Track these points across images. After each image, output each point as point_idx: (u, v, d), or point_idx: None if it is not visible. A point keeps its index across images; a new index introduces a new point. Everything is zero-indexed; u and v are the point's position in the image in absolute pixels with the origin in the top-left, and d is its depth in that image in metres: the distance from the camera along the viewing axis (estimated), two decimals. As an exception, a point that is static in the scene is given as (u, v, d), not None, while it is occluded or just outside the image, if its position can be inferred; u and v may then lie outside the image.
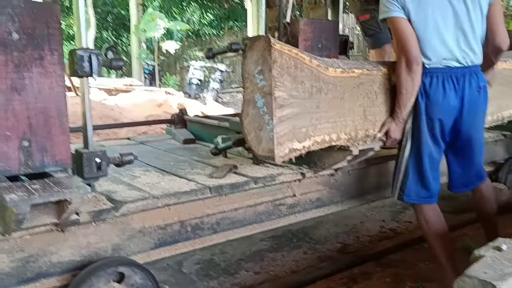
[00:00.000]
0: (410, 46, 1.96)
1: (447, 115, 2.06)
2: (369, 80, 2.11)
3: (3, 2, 1.46)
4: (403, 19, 1.98)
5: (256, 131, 1.89)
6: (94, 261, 1.70)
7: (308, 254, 2.90)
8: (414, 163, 2.12)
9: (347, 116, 2.04)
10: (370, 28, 3.39)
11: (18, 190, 1.38)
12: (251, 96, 1.88)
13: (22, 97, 1.51)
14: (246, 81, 1.89)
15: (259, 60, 1.82)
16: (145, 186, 1.96)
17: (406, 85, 2.00)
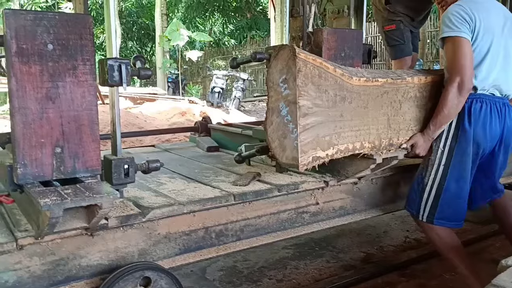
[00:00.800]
0: (469, 70, 1.98)
1: (491, 142, 2.10)
2: (393, 89, 2.11)
3: (39, 15, 1.53)
4: (469, 42, 2.00)
5: (280, 139, 1.91)
6: (121, 265, 1.73)
7: (331, 263, 2.89)
8: (452, 187, 2.11)
9: (371, 125, 2.05)
10: (394, 39, 3.43)
11: (51, 195, 1.43)
12: (275, 105, 1.90)
13: (56, 105, 1.57)
14: (270, 90, 1.92)
15: (284, 69, 1.84)
16: (171, 193, 2.00)
17: (451, 106, 2.01)
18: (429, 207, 2.16)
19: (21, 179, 1.54)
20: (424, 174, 2.19)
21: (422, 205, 2.18)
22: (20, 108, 1.51)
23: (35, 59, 1.53)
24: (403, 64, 3.49)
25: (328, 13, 2.65)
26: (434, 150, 2.15)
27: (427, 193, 2.16)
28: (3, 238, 1.55)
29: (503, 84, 2.10)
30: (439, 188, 2.12)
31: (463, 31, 1.99)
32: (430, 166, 2.16)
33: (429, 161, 2.17)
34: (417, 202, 2.21)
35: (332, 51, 2.25)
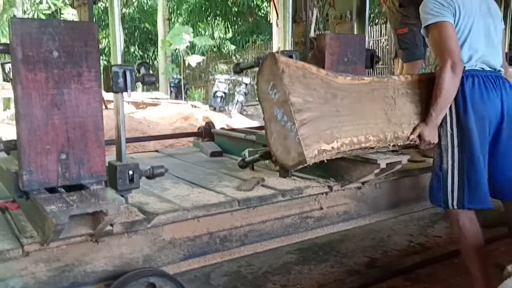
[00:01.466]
0: (457, 50, 2.02)
1: (493, 114, 2.07)
2: (381, 86, 2.15)
3: (44, 23, 1.54)
4: (452, 25, 2.04)
5: (283, 144, 1.92)
6: (126, 271, 1.74)
7: (335, 268, 2.88)
8: (468, 169, 2.07)
9: (369, 119, 2.06)
10: (407, 42, 3.46)
11: (57, 202, 1.44)
12: (270, 113, 1.95)
13: (61, 112, 1.58)
14: (263, 102, 1.98)
15: (270, 77, 1.92)
16: (175, 198, 2.01)
17: (448, 88, 2.01)
18: (457, 192, 2.10)
19: (26, 185, 1.54)
20: (441, 161, 2.14)
21: (449, 192, 2.12)
22: (25, 115, 1.52)
23: (41, 66, 1.54)
24: (415, 67, 3.49)
25: (331, 18, 2.66)
26: (443, 135, 2.12)
27: (450, 179, 2.11)
28: (9, 244, 1.56)
29: (490, 58, 2.13)
30: (461, 171, 2.08)
31: (445, 15, 2.03)
32: (445, 151, 2.12)
33: (442, 147, 2.13)
34: (442, 191, 2.15)
35: (335, 56, 2.25)
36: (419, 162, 2.77)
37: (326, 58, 2.22)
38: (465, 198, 2.09)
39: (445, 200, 2.15)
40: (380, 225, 3.31)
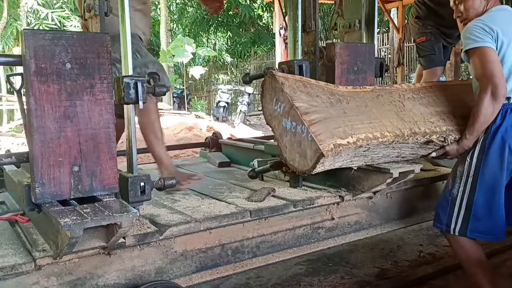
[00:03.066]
0: (499, 75, 1.98)
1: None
2: (385, 92, 2.19)
3: (57, 35, 1.54)
4: (494, 51, 2.01)
5: (297, 150, 1.93)
6: (138, 284, 1.72)
7: (346, 279, 2.84)
8: (481, 200, 2.07)
9: (381, 118, 2.06)
10: (425, 50, 3.67)
11: (71, 214, 1.42)
12: (280, 128, 2.00)
13: (74, 124, 1.57)
14: (272, 121, 2.06)
15: (272, 94, 2.02)
16: (186, 210, 1.99)
17: (485, 113, 2.00)
18: (461, 219, 2.10)
19: (39, 198, 1.53)
20: (452, 186, 2.15)
21: (453, 217, 2.12)
22: (38, 127, 1.51)
23: (54, 78, 1.54)
24: (433, 74, 3.65)
25: (339, 27, 2.67)
26: (461, 162, 2.12)
27: (458, 205, 2.11)
28: (21, 258, 1.54)
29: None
30: (469, 201, 2.08)
31: (487, 41, 2.00)
32: (459, 177, 2.12)
33: (458, 173, 2.13)
34: (447, 215, 2.15)
35: (345, 65, 2.25)
36: (430, 171, 2.75)
37: (336, 67, 2.21)
38: (469, 227, 2.10)
39: (448, 223, 2.15)
40: (389, 235, 3.27)
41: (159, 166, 2.39)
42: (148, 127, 2.35)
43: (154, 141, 2.37)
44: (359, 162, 2.08)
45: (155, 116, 2.39)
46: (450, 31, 3.66)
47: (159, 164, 2.39)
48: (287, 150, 1.98)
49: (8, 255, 1.57)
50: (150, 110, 2.30)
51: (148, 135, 2.37)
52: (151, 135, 2.36)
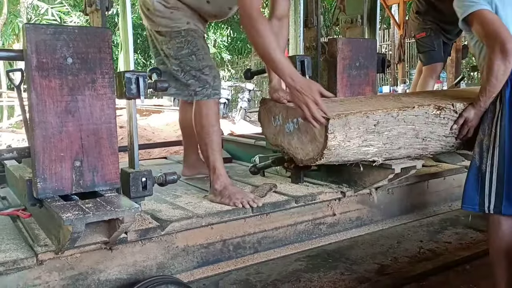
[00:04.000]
0: (504, 32, 1.91)
1: None
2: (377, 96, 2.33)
3: (59, 29, 1.53)
4: (491, 11, 1.95)
5: (308, 138, 1.95)
6: (140, 279, 1.71)
7: (346, 275, 2.83)
8: (509, 173, 1.95)
9: (381, 104, 2.06)
10: (425, 45, 3.68)
11: (73, 209, 1.42)
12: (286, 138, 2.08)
13: (75, 119, 1.57)
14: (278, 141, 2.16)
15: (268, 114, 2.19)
16: (188, 205, 1.99)
17: (497, 74, 1.93)
18: (494, 195, 1.98)
19: (41, 193, 1.53)
20: (480, 161, 2.03)
21: (486, 195, 2.00)
22: (40, 122, 1.51)
23: (55, 73, 1.53)
24: (433, 70, 3.65)
25: (341, 23, 2.66)
26: (487, 134, 2.01)
27: (488, 181, 1.99)
28: (23, 253, 1.54)
29: None
30: (500, 175, 1.96)
31: (481, 3, 1.95)
32: (485, 151, 2.01)
33: (484, 147, 2.02)
34: (479, 194, 2.02)
35: (347, 61, 2.24)
36: (431, 167, 2.75)
37: (337, 62, 2.21)
38: (503, 203, 1.98)
39: (480, 203, 2.03)
40: (389, 231, 3.26)
41: (211, 174, 2.12)
42: (205, 130, 2.11)
43: (209, 146, 2.12)
44: (376, 144, 1.97)
45: (214, 118, 2.14)
46: (450, 27, 3.65)
47: (212, 172, 2.12)
48: (299, 150, 1.98)
49: (10, 250, 1.57)
50: (210, 110, 2.11)
51: (204, 139, 2.13)
52: (207, 139, 2.12)
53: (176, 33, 2.13)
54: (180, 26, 2.13)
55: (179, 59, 2.14)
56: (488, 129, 2.03)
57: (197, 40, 2.16)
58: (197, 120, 2.13)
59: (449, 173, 2.76)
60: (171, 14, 2.12)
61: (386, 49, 11.84)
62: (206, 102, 2.11)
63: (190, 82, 2.13)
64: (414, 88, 3.94)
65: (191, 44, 2.14)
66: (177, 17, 2.13)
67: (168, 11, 2.12)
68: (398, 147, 2.02)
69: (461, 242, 3.26)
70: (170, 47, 2.15)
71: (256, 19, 1.74)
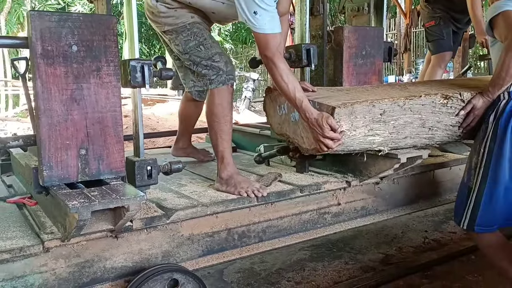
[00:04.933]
0: None
1: None
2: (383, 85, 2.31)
3: (64, 16, 1.52)
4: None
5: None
6: (145, 267, 1.72)
7: (350, 265, 2.85)
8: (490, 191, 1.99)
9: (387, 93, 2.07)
10: (433, 34, 3.64)
11: (79, 197, 1.42)
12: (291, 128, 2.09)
13: (80, 107, 1.57)
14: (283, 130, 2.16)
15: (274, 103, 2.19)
16: (193, 194, 1.99)
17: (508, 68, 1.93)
18: (470, 213, 2.02)
19: (47, 181, 1.53)
20: (468, 179, 2.07)
21: (465, 211, 2.04)
22: (45, 110, 1.51)
23: (60, 60, 1.52)
24: (442, 59, 3.61)
25: (348, 11, 2.63)
26: (476, 153, 2.04)
27: (471, 198, 2.03)
28: (29, 241, 1.55)
29: None
30: (479, 192, 2.00)
31: (510, 5, 1.91)
32: (474, 169, 2.04)
33: (473, 164, 2.05)
34: (461, 209, 2.07)
35: (353, 50, 2.22)
36: (438, 157, 2.73)
37: (344, 51, 2.19)
38: (476, 220, 2.01)
39: (460, 217, 2.07)
40: (393, 221, 3.26)
41: (219, 163, 2.12)
42: (216, 120, 2.10)
43: (219, 136, 2.11)
44: (382, 133, 1.96)
45: (228, 108, 2.12)
46: (460, 15, 3.61)
47: (220, 161, 2.12)
48: (305, 139, 1.97)
49: (16, 237, 1.58)
50: (224, 99, 2.11)
51: (215, 128, 2.11)
52: (218, 128, 2.11)
53: (182, 28, 2.17)
54: (185, 21, 2.17)
55: (188, 52, 2.17)
56: (478, 148, 2.05)
57: (203, 31, 2.18)
58: (210, 108, 2.13)
59: (455, 163, 2.74)
60: (175, 12, 2.17)
61: (392, 39, 11.73)
62: (221, 90, 2.10)
63: (204, 72, 2.14)
64: (422, 77, 3.90)
65: (197, 35, 2.16)
66: (182, 14, 2.17)
67: (171, 11, 2.17)
68: (404, 137, 2.00)
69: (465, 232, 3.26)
70: (178, 43, 2.19)
71: (278, 65, 1.85)
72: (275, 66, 1.85)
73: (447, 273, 2.66)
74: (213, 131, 2.13)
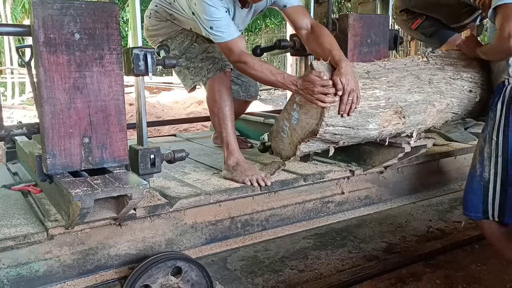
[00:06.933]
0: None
1: None
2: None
3: (66, 4, 1.51)
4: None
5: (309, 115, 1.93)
6: (149, 255, 1.74)
7: (353, 253, 2.86)
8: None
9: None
10: (428, 28, 3.24)
11: (82, 185, 1.43)
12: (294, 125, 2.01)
13: (83, 95, 1.56)
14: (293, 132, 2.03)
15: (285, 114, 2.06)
16: (196, 182, 1.99)
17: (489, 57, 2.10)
18: (498, 204, 2.00)
19: (50, 169, 1.54)
20: (482, 170, 2.05)
21: (489, 203, 2.02)
22: (48, 98, 1.51)
23: (63, 48, 1.52)
24: (452, 44, 3.20)
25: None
26: (487, 142, 2.03)
27: (492, 189, 2.01)
28: (34, 228, 1.57)
29: None
30: (504, 183, 1.98)
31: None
32: (487, 160, 2.02)
33: (485, 155, 2.04)
34: (482, 202, 2.06)
35: (358, 38, 2.19)
36: (443, 146, 2.72)
37: (349, 39, 2.16)
38: (506, 212, 2.00)
39: (484, 210, 2.06)
40: (398, 210, 3.27)
41: (225, 150, 2.12)
42: (217, 106, 2.10)
43: (222, 122, 2.11)
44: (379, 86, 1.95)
45: (227, 93, 2.12)
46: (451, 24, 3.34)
47: (225, 148, 2.12)
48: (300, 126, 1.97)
49: (21, 224, 1.60)
50: (222, 86, 2.11)
51: (217, 114, 2.12)
52: (220, 114, 2.11)
53: (175, 33, 2.31)
54: (176, 29, 2.31)
55: (184, 53, 2.28)
56: (489, 137, 2.02)
57: (194, 33, 2.30)
58: (210, 96, 2.14)
59: (460, 153, 2.72)
60: (166, 23, 2.31)
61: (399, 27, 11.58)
62: (218, 77, 2.12)
63: (201, 65, 2.20)
64: None
65: (189, 36, 2.29)
66: (172, 24, 2.31)
67: (162, 23, 2.31)
68: (408, 90, 2.02)
69: (470, 221, 3.25)
70: (174, 47, 2.29)
71: (247, 61, 1.92)
72: (245, 63, 1.92)
73: (451, 262, 2.66)
74: (216, 118, 2.14)
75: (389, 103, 1.95)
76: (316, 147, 2.00)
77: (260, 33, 18.13)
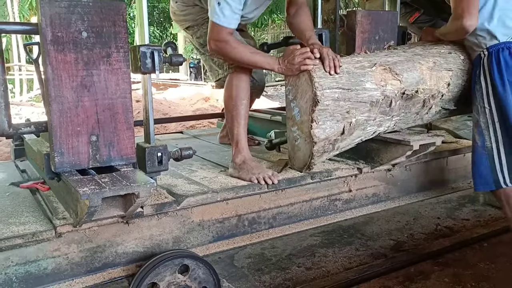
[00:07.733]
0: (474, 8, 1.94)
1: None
2: None
3: (73, 2, 1.51)
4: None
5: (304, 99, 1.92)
6: (156, 253, 1.74)
7: (361, 251, 2.85)
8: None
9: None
10: (426, 21, 3.26)
11: (89, 184, 1.43)
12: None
13: (91, 94, 1.57)
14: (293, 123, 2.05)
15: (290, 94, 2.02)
16: (204, 180, 1.99)
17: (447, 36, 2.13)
18: (507, 168, 1.98)
19: (58, 167, 1.54)
20: (483, 139, 2.04)
21: (498, 171, 2.00)
22: (56, 96, 1.51)
23: (70, 47, 1.52)
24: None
25: (361, -5, 2.57)
26: (481, 112, 2.02)
27: (497, 156, 2.00)
28: (42, 226, 1.57)
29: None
30: (507, 147, 1.97)
31: None
32: (486, 129, 2.02)
33: (482, 125, 2.03)
34: (491, 171, 2.03)
35: (366, 34, 2.18)
36: (451, 143, 2.70)
37: (356, 36, 2.15)
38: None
39: (495, 179, 2.03)
40: (406, 207, 3.25)
41: (234, 148, 2.11)
42: (232, 102, 2.08)
43: (235, 119, 2.10)
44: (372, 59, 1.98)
45: (245, 91, 2.09)
46: None
47: (234, 145, 2.11)
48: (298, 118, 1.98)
49: (29, 222, 1.61)
50: (241, 82, 2.08)
51: (231, 111, 2.10)
52: (234, 111, 2.09)
53: (202, 20, 2.26)
54: (203, 16, 2.24)
55: None
56: (481, 108, 2.01)
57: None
58: (227, 91, 2.12)
59: (469, 150, 2.68)
60: (193, 9, 2.29)
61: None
62: (238, 73, 2.09)
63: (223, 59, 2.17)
64: None
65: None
66: (198, 10, 2.28)
67: (189, 8, 2.30)
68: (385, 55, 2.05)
69: (479, 219, 3.23)
70: (199, 35, 2.28)
71: (228, 40, 1.93)
72: (225, 42, 1.93)
73: (459, 260, 2.64)
74: (229, 115, 2.12)
75: (372, 63, 1.96)
76: (330, 129, 1.88)
77: (266, 29, 18.07)
